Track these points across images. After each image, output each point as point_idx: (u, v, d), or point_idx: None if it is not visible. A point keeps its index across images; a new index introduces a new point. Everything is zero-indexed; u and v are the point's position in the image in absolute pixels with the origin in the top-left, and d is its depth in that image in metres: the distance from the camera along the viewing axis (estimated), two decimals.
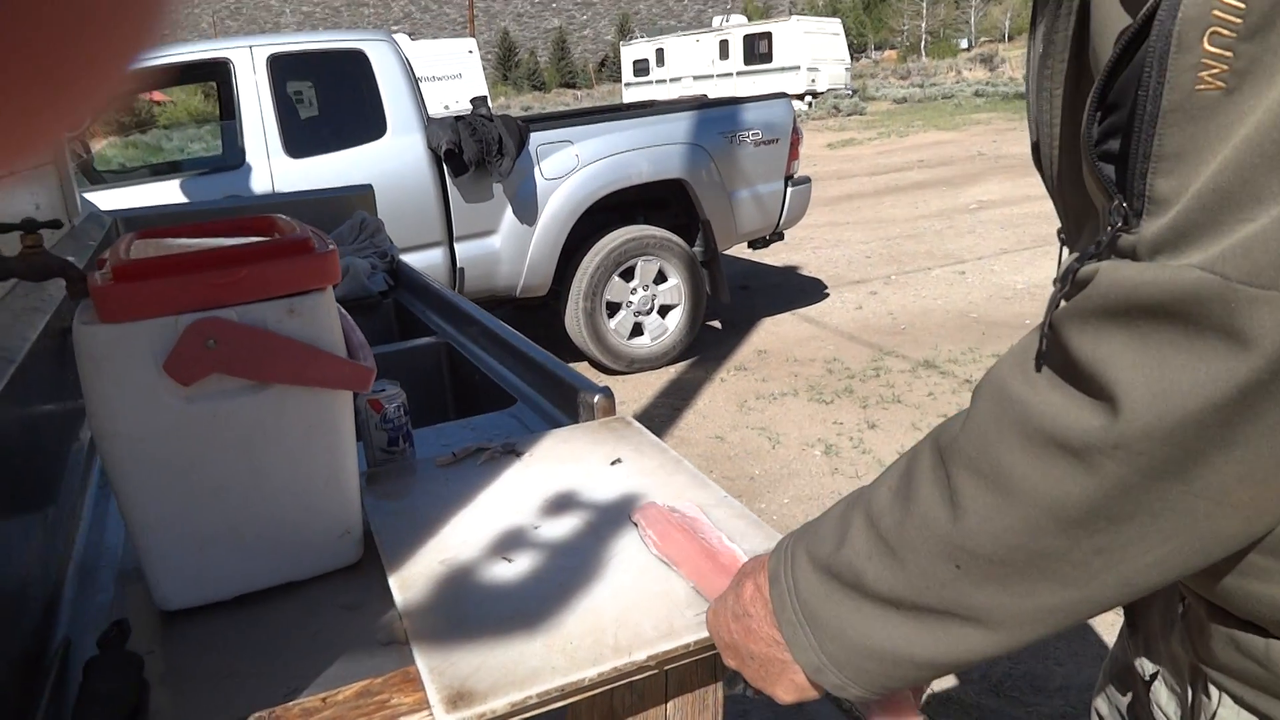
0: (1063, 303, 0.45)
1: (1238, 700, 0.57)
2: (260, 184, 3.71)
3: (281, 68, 3.85)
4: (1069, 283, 0.44)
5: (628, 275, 4.31)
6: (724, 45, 24.21)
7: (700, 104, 4.67)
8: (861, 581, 0.52)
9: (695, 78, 24.50)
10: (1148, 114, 0.39)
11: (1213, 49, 0.37)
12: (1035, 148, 0.63)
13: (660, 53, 25.85)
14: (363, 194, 2.55)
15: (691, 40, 25.50)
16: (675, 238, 4.35)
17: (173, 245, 0.91)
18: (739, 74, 23.61)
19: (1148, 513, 0.42)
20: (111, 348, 0.75)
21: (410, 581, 0.83)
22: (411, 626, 0.76)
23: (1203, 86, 0.37)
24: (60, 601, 0.89)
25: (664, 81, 25.26)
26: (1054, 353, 0.44)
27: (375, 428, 1.10)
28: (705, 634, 0.73)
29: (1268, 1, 0.35)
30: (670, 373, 4.37)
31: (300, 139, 3.85)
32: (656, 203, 4.43)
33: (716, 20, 27.20)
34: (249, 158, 3.74)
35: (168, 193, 3.59)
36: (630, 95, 25.93)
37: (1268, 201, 0.36)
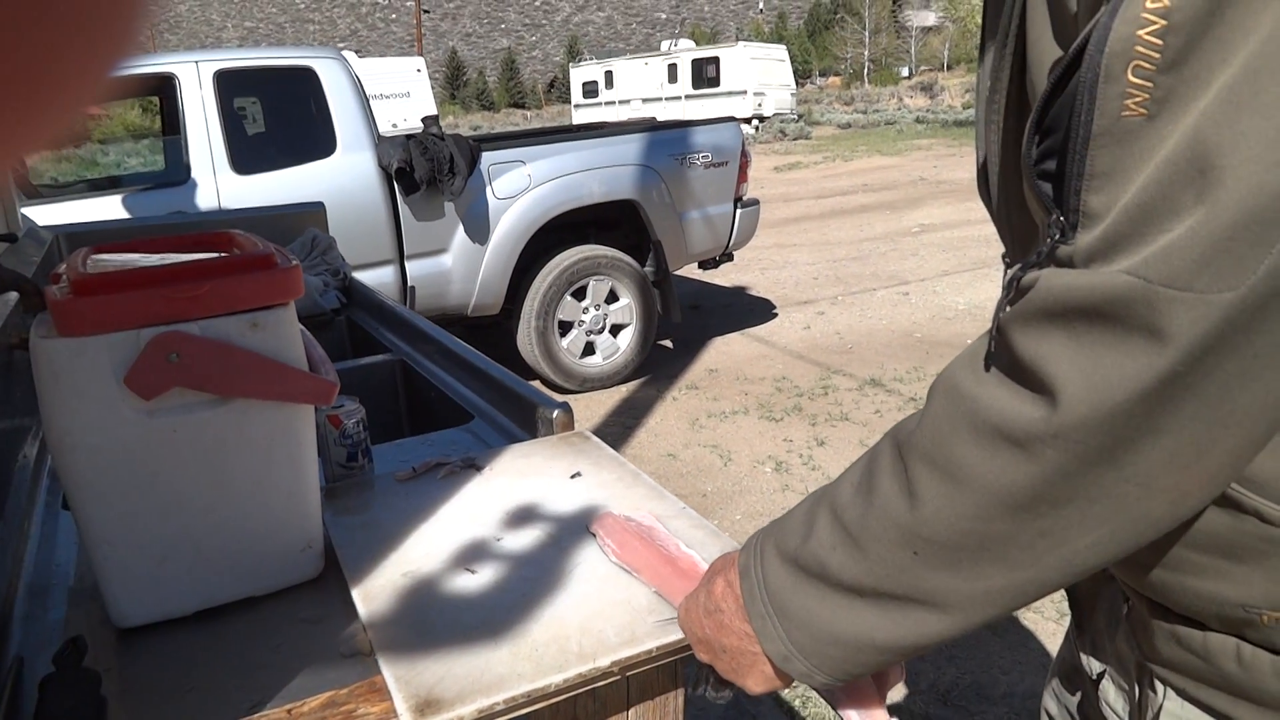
0: (1008, 308, 0.49)
1: (1181, 693, 0.60)
2: (206, 200, 3.65)
3: (229, 83, 3.81)
4: (1013, 290, 0.48)
5: (580, 295, 4.33)
6: (673, 69, 24.51)
7: (651, 126, 4.73)
8: (826, 571, 0.55)
9: (644, 100, 24.73)
10: (1080, 137, 0.43)
11: (1135, 79, 0.41)
12: (983, 176, 0.67)
13: (609, 75, 26.05)
14: (315, 211, 2.53)
15: (640, 63, 25.76)
16: (627, 258, 4.39)
17: (131, 260, 0.91)
18: (687, 97, 23.91)
19: (1085, 497, 0.46)
20: (71, 362, 0.75)
21: (374, 594, 0.83)
22: (376, 637, 0.76)
23: (1128, 113, 0.41)
24: (10, 620, 0.87)
25: (613, 104, 25.44)
26: (1000, 353, 0.48)
27: (334, 443, 1.10)
28: (667, 639, 0.75)
29: (1181, 39, 0.40)
30: (622, 391, 4.39)
31: (247, 156, 3.80)
32: (608, 223, 4.47)
33: (665, 44, 27.53)
34: (194, 174, 3.68)
35: (109, 208, 3.51)
36: (580, 117, 26.04)
37: (1183, 214, 0.41)
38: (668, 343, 5.14)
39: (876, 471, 0.54)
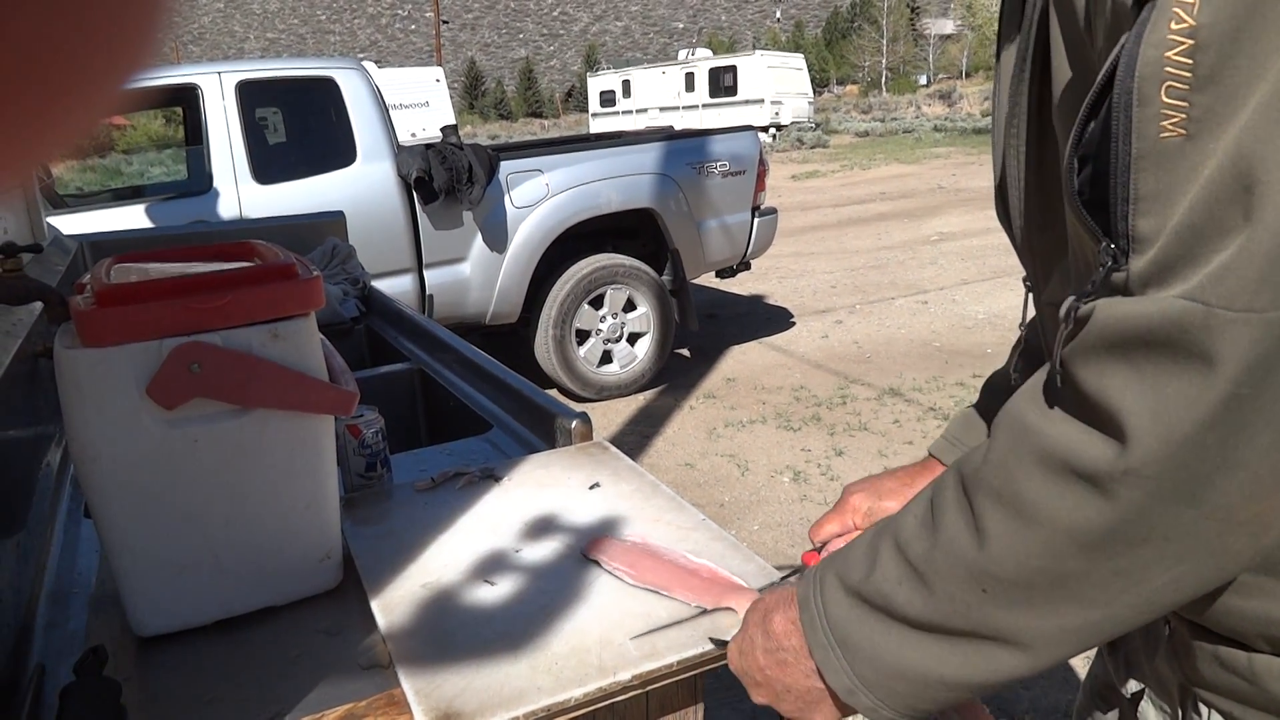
0: (1067, 341, 0.47)
1: (1227, 716, 0.59)
2: (228, 210, 3.69)
3: (251, 94, 3.85)
4: (1071, 321, 0.47)
5: (597, 303, 4.33)
6: (690, 78, 24.56)
7: (668, 135, 4.73)
8: (891, 606, 0.54)
9: (661, 109, 24.79)
10: (1121, 162, 0.42)
11: (1170, 100, 0.40)
12: (1000, 197, 0.67)
13: (627, 84, 26.13)
14: (334, 220, 2.55)
15: (658, 73, 25.83)
16: (644, 266, 4.39)
17: (153, 270, 0.92)
18: (704, 106, 23.95)
19: (1161, 535, 0.44)
20: (94, 371, 0.75)
21: (393, 605, 0.83)
22: (396, 649, 0.76)
23: (1166, 134, 0.41)
24: (33, 628, 0.87)
25: (630, 113, 25.52)
26: (1065, 388, 0.47)
27: (354, 453, 1.10)
28: (687, 654, 0.74)
29: (1212, 56, 0.39)
30: (639, 400, 4.39)
31: (269, 165, 3.83)
32: (626, 232, 4.47)
33: (682, 53, 27.60)
34: (216, 183, 3.71)
35: (132, 217, 3.55)
36: (597, 126, 26.13)
37: (1233, 233, 0.40)
38: (685, 351, 5.13)
39: (941, 507, 0.52)
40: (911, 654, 0.54)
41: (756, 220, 4.72)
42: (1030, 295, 0.69)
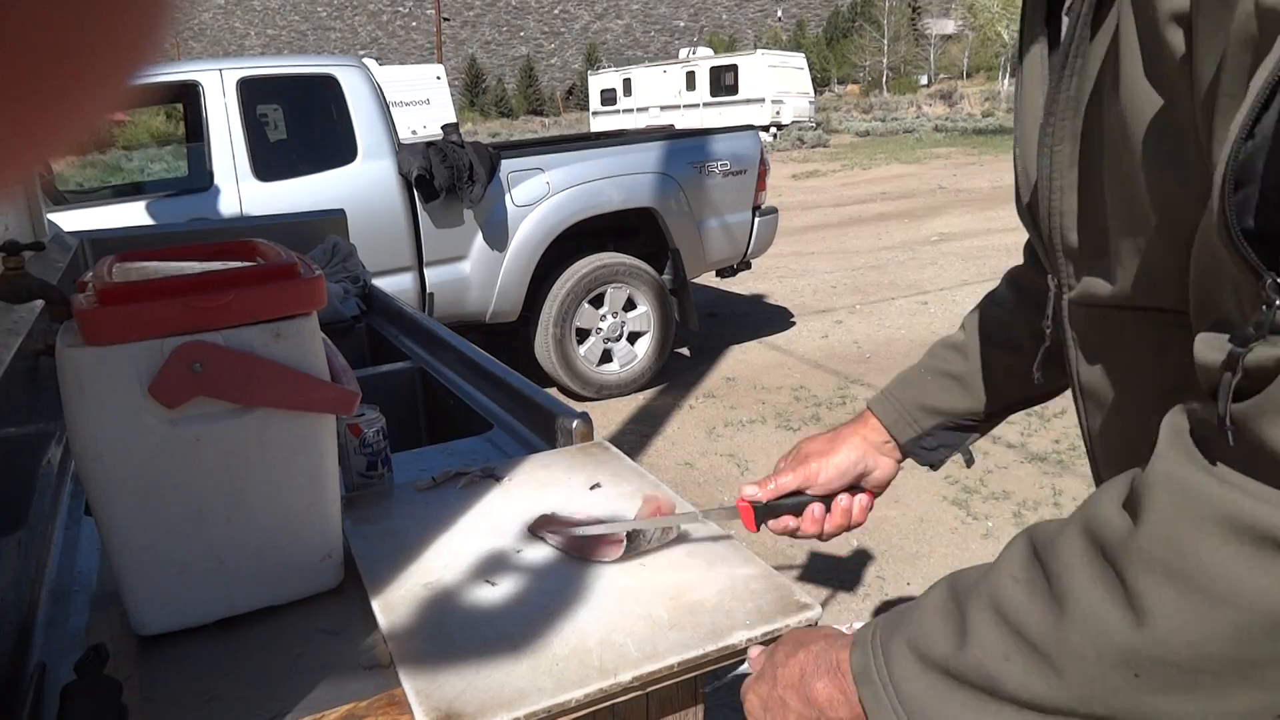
0: (1232, 395, 0.41)
1: None
2: (229, 207, 3.69)
3: (252, 91, 3.84)
4: (1239, 371, 0.40)
5: (597, 302, 4.33)
6: (691, 77, 24.55)
7: (669, 134, 4.73)
8: (998, 686, 0.48)
9: (662, 108, 24.78)
10: None
11: None
12: (1029, 200, 0.65)
13: (628, 83, 26.12)
14: (335, 218, 2.55)
15: (659, 71, 25.82)
16: (645, 265, 4.39)
17: (155, 269, 0.92)
18: (705, 105, 23.94)
19: None
20: (96, 370, 0.75)
21: (394, 605, 0.83)
22: (396, 649, 0.76)
23: None
24: (34, 626, 0.88)
25: (631, 111, 25.51)
26: (1242, 445, 0.40)
27: (354, 452, 1.10)
28: (688, 655, 0.74)
29: None
30: (639, 399, 4.39)
31: (270, 162, 3.83)
32: (626, 231, 4.47)
33: (683, 52, 27.59)
34: (217, 180, 3.71)
35: (133, 214, 3.55)
36: (598, 124, 26.12)
37: None
38: (685, 351, 5.13)
39: (1066, 577, 0.46)
40: None
41: (757, 220, 4.72)
42: (1056, 296, 0.67)
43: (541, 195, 4.14)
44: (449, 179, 3.86)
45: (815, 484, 0.88)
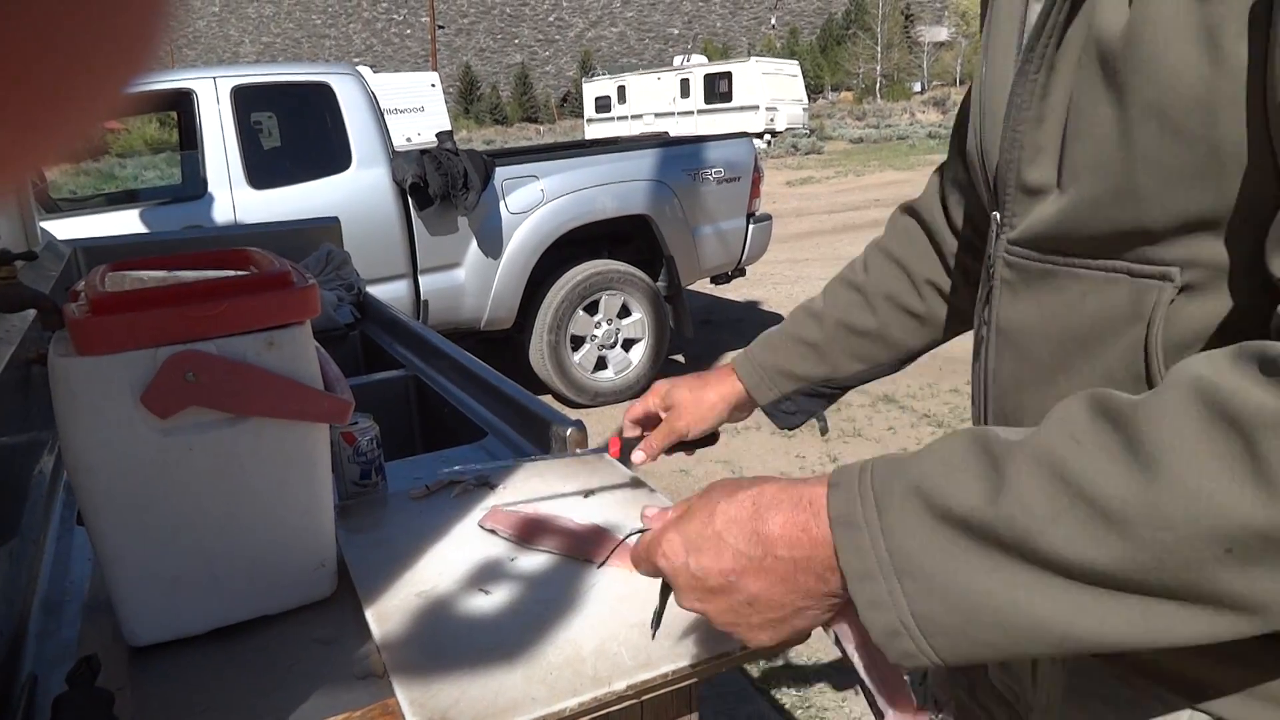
0: None
1: None
2: (222, 215, 3.69)
3: (246, 99, 3.85)
4: None
5: (592, 309, 4.33)
6: (685, 84, 24.62)
7: (664, 142, 4.74)
8: (1034, 544, 0.44)
9: (656, 115, 24.84)
10: None
11: None
12: (981, 139, 0.65)
13: (622, 90, 26.19)
14: (329, 226, 2.55)
15: (653, 79, 25.89)
16: (639, 273, 4.39)
17: (148, 278, 0.91)
18: (699, 112, 24.01)
19: None
20: (88, 380, 0.75)
21: (387, 614, 0.83)
22: (390, 659, 0.76)
23: None
24: (25, 637, 0.87)
25: (625, 118, 25.56)
26: None
27: (348, 461, 1.10)
28: (683, 663, 0.74)
29: None
30: None
31: (263, 170, 3.83)
32: (621, 238, 4.48)
33: (678, 59, 27.66)
34: (211, 188, 3.71)
35: (126, 222, 3.54)
36: (592, 131, 26.17)
37: None
38: (680, 358, 5.13)
39: (1166, 442, 0.42)
40: (1041, 602, 0.45)
41: (751, 226, 4.73)
42: (995, 236, 0.65)
43: (536, 202, 4.14)
44: (443, 186, 3.87)
45: (684, 439, 0.98)
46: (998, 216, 0.64)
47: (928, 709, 0.60)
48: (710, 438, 1.00)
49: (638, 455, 0.98)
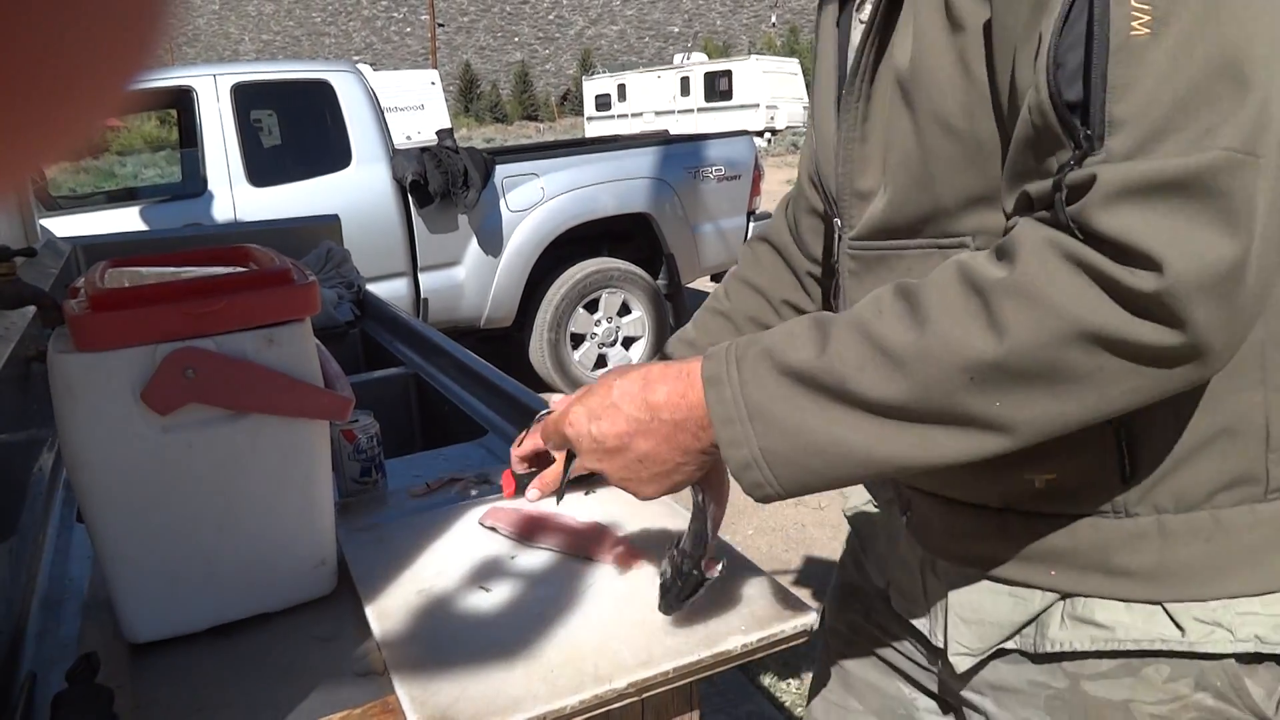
0: (1065, 205, 0.53)
1: (960, 572, 0.75)
2: (222, 213, 3.68)
3: (246, 97, 3.84)
4: (1063, 189, 0.53)
5: (592, 307, 4.33)
6: (685, 82, 24.61)
7: (664, 140, 4.74)
8: (845, 387, 0.58)
9: (657, 113, 24.83)
10: (1096, 60, 0.50)
11: (1138, 5, 0.49)
12: (821, 159, 0.80)
13: (622, 88, 26.17)
14: (329, 224, 2.54)
15: (653, 76, 25.87)
16: (640, 271, 4.39)
17: (148, 274, 0.91)
18: (700, 110, 23.99)
19: (1141, 353, 0.52)
20: (87, 377, 0.75)
21: (387, 612, 0.83)
22: (390, 656, 0.76)
23: (1136, 32, 0.49)
24: (25, 635, 0.87)
25: (626, 116, 25.55)
26: (1088, 239, 0.52)
27: (348, 458, 1.10)
28: (684, 661, 0.74)
29: None
30: None
31: (264, 168, 3.83)
32: (621, 236, 4.48)
33: (678, 57, 27.64)
34: (211, 186, 3.71)
35: (126, 220, 3.54)
36: (593, 129, 26.16)
37: (1223, 99, 0.48)
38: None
39: (935, 304, 0.56)
40: (851, 433, 0.58)
41: (751, 224, 4.72)
42: (838, 238, 0.79)
43: (536, 200, 4.14)
44: (443, 184, 3.86)
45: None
46: (839, 222, 0.78)
47: (720, 561, 0.73)
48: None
49: (532, 493, 0.98)
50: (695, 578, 0.73)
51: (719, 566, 0.73)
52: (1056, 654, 0.69)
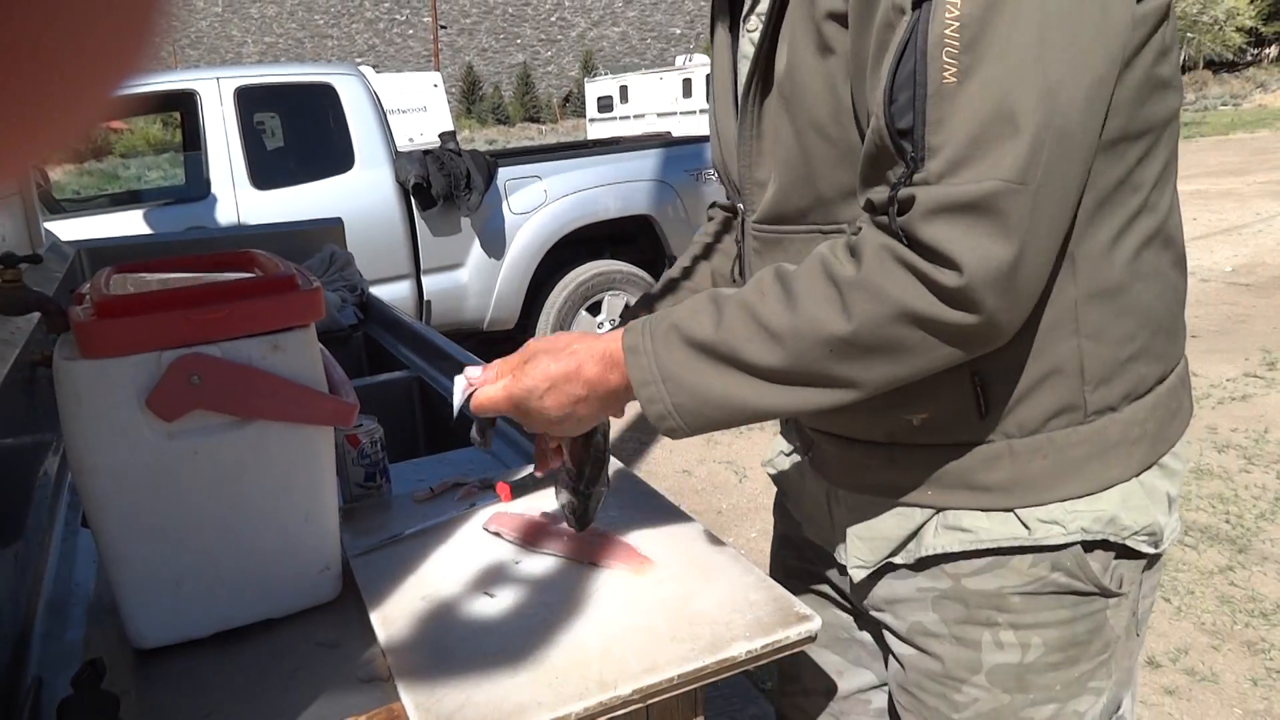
0: (898, 216, 0.67)
1: (855, 497, 0.89)
2: (226, 216, 3.69)
3: (249, 100, 3.85)
4: (895, 202, 0.66)
5: (595, 310, 4.33)
6: (687, 84, 24.58)
7: (666, 142, 4.74)
8: (737, 356, 0.72)
9: (659, 115, 24.81)
10: (920, 99, 0.63)
11: (948, 59, 0.62)
12: (723, 155, 0.91)
13: (624, 90, 26.16)
14: (333, 227, 2.55)
15: (655, 78, 25.85)
16: (642, 273, 4.39)
17: (152, 280, 0.91)
18: (701, 112, 23.96)
19: (947, 330, 0.67)
20: (93, 383, 0.75)
21: (392, 618, 0.83)
22: (395, 663, 0.76)
23: (947, 79, 0.62)
24: (30, 640, 0.87)
25: (628, 118, 25.54)
26: (912, 245, 0.66)
27: (353, 463, 1.10)
28: (689, 667, 0.74)
29: (971, 32, 0.61)
30: (636, 407, 4.38)
31: (267, 171, 3.83)
32: (623, 238, 4.48)
33: (679, 59, 27.63)
34: (214, 189, 3.71)
35: (130, 223, 3.55)
36: (595, 131, 26.16)
37: (1003, 139, 0.61)
38: None
39: (802, 291, 0.70)
40: (740, 391, 0.73)
41: None
42: (742, 220, 0.91)
43: (539, 203, 4.14)
44: (446, 187, 3.87)
45: None
46: (742, 206, 0.91)
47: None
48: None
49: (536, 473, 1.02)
50: (600, 492, 0.90)
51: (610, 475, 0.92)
52: (936, 557, 0.84)
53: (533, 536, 0.95)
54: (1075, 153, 0.65)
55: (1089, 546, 0.81)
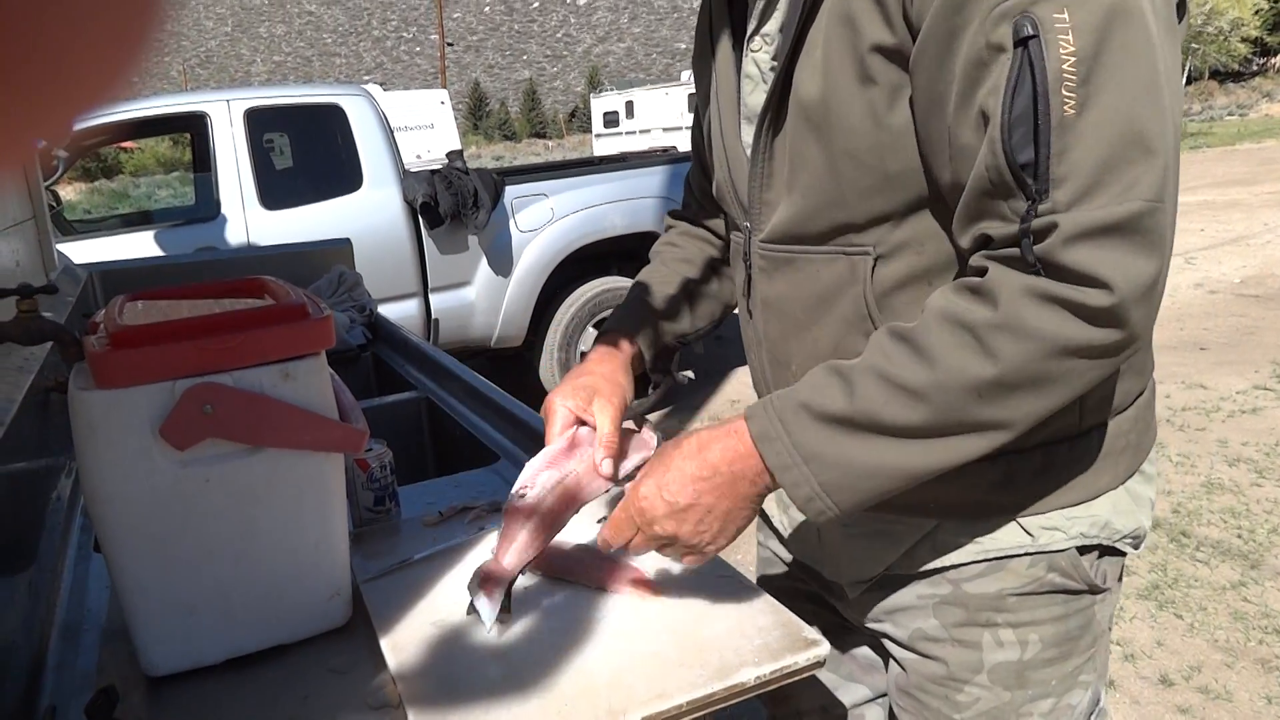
0: (1034, 244, 0.67)
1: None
2: (236, 236, 3.71)
3: (258, 121, 3.88)
4: (1029, 234, 0.66)
5: (601, 326, 4.34)
6: (693, 99, 24.67)
7: (671, 158, 4.76)
8: (879, 422, 0.71)
9: (665, 130, 24.89)
10: (1045, 131, 0.64)
11: (1066, 93, 0.63)
12: (729, 174, 0.92)
13: (630, 105, 26.27)
14: (341, 248, 2.57)
15: (661, 93, 25.95)
16: None
17: (166, 309, 0.93)
18: None
19: (1102, 354, 0.68)
20: (107, 413, 0.76)
21: (402, 644, 0.83)
22: (406, 690, 0.76)
23: (1067, 112, 0.64)
24: (44, 667, 0.88)
25: (634, 133, 25.63)
26: (1050, 271, 0.66)
27: (362, 487, 1.11)
28: (697, 694, 0.74)
29: (1086, 66, 0.63)
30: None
31: (276, 192, 3.86)
32: (630, 254, 4.49)
33: (685, 74, 27.75)
34: (224, 210, 3.74)
35: (141, 244, 3.58)
36: (601, 146, 26.26)
37: (1135, 163, 0.63)
38: (689, 374, 5.12)
39: (933, 344, 0.70)
40: (888, 456, 0.71)
41: None
42: (747, 239, 0.91)
43: (545, 221, 4.16)
44: (454, 205, 3.89)
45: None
46: (749, 225, 0.90)
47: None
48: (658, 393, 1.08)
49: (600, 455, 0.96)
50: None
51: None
52: (940, 568, 0.87)
53: (542, 561, 0.95)
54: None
55: (1084, 550, 0.86)
